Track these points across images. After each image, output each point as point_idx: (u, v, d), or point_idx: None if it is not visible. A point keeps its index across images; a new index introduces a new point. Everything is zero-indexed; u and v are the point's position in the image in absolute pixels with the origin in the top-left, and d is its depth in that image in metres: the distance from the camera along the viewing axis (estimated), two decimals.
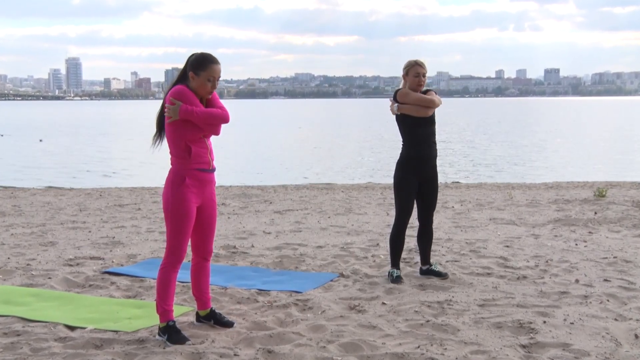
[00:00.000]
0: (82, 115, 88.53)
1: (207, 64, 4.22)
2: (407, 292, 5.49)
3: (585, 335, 4.39)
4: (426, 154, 5.73)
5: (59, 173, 20.34)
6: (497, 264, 6.48)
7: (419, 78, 5.69)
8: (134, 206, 10.94)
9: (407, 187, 5.75)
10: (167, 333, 4.30)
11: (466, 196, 12.13)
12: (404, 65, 5.76)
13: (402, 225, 5.85)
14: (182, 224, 4.24)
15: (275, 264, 6.58)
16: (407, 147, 5.73)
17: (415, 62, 5.72)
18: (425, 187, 5.81)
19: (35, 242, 7.70)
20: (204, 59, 4.25)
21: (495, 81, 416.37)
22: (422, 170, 5.75)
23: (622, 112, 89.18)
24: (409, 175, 5.73)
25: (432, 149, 5.77)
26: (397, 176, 5.78)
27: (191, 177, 4.24)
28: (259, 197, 12.20)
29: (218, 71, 4.25)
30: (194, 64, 4.23)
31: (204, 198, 4.36)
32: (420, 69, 5.69)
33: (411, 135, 5.72)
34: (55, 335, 4.44)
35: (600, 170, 20.50)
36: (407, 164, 5.73)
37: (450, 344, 4.22)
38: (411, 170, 5.72)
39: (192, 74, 4.22)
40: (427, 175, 5.78)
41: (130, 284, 5.80)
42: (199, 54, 4.29)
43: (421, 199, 5.86)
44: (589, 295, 5.31)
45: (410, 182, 5.74)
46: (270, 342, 4.29)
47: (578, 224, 8.73)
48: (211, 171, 4.37)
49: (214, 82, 4.26)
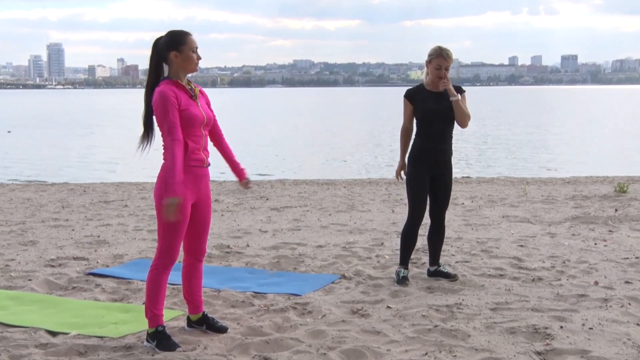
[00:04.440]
0: (63, 105, 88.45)
1: (184, 37, 4.27)
2: (413, 295, 5.49)
3: (605, 342, 4.38)
4: (441, 148, 5.74)
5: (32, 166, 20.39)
6: (510, 264, 6.48)
7: (440, 71, 5.63)
8: (120, 203, 10.95)
9: (419, 182, 5.76)
10: (156, 339, 4.30)
11: (477, 192, 12.13)
12: (430, 50, 5.71)
13: (416, 220, 5.85)
14: (175, 222, 4.23)
15: (272, 264, 6.58)
16: (422, 139, 5.74)
17: (441, 52, 5.63)
18: (438, 183, 5.81)
19: (15, 241, 7.70)
20: (178, 33, 4.29)
21: (509, 68, 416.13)
22: (434, 165, 5.76)
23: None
24: (421, 170, 5.74)
25: (445, 144, 5.77)
26: (410, 170, 5.80)
27: (185, 172, 4.24)
28: (254, 193, 12.20)
29: (196, 41, 4.32)
30: (170, 43, 4.25)
31: (199, 194, 4.37)
32: (444, 62, 5.62)
33: (424, 129, 5.72)
34: (35, 341, 4.43)
35: (621, 164, 20.48)
36: (420, 156, 5.74)
37: (460, 351, 4.22)
38: (424, 164, 5.73)
39: (174, 53, 4.23)
40: (440, 170, 5.79)
41: (116, 286, 5.80)
42: (169, 33, 4.31)
43: (433, 195, 5.87)
44: (609, 299, 5.30)
45: (423, 175, 5.75)
46: (266, 349, 4.28)
47: (597, 221, 8.72)
48: (206, 167, 4.39)
49: (197, 53, 4.31)
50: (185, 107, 4.20)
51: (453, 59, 5.69)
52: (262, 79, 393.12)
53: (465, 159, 21.82)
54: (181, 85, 4.25)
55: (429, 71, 5.73)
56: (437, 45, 5.71)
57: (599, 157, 23.32)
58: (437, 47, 5.67)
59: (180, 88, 4.24)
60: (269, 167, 19.75)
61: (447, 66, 5.63)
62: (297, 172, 18.29)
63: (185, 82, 4.31)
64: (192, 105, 4.26)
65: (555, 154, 24.53)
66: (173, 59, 4.23)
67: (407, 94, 5.82)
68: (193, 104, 4.27)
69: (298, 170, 19.01)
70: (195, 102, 4.29)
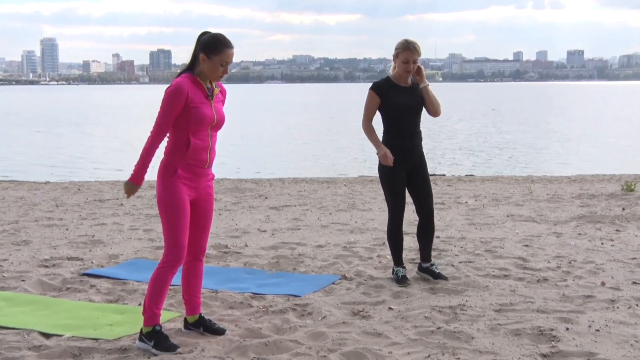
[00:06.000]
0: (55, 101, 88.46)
1: (221, 47, 4.27)
2: (416, 296, 5.49)
3: (612, 344, 4.38)
4: (410, 143, 5.76)
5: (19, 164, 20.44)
6: (515, 265, 6.48)
7: (407, 64, 5.62)
8: (115, 201, 10.95)
9: (394, 179, 5.76)
10: (153, 339, 4.30)
11: (481, 190, 12.13)
12: (396, 44, 5.70)
13: (397, 220, 5.88)
14: (177, 217, 4.27)
15: (271, 265, 6.58)
16: (390, 137, 5.74)
17: (407, 45, 5.61)
18: (416, 177, 5.83)
19: (7, 241, 7.70)
20: (218, 41, 4.29)
21: (513, 64, 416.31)
22: (409, 159, 5.76)
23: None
24: (396, 165, 5.73)
25: (417, 138, 5.81)
26: (383, 168, 5.79)
27: (184, 168, 4.28)
28: (253, 191, 12.20)
29: (231, 56, 4.33)
30: (206, 45, 4.28)
31: (198, 192, 4.40)
32: (411, 55, 5.60)
33: (394, 125, 5.73)
34: (29, 343, 4.43)
35: (629, 162, 20.48)
36: (393, 154, 5.71)
37: (464, 353, 4.22)
38: (398, 160, 5.72)
39: (203, 55, 4.26)
40: (414, 163, 5.80)
41: (111, 287, 5.80)
42: (212, 35, 4.33)
43: (414, 190, 5.87)
44: (616, 300, 5.30)
45: (398, 173, 5.75)
46: (265, 351, 4.28)
47: (604, 221, 8.72)
48: (207, 167, 4.41)
49: (225, 67, 4.33)
50: (196, 105, 4.24)
51: (421, 53, 5.66)
52: (261, 74, 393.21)
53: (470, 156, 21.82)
54: (199, 83, 4.29)
55: (396, 65, 5.72)
56: (403, 38, 5.70)
57: (606, 154, 23.32)
58: (404, 41, 5.66)
59: (198, 85, 4.29)
60: (269, 166, 19.74)
61: (414, 60, 5.62)
62: (297, 171, 18.29)
63: (207, 81, 4.34)
64: (204, 104, 4.29)
65: (563, 150, 24.52)
66: (201, 60, 4.28)
67: (374, 86, 5.76)
68: (206, 103, 4.30)
69: (297, 169, 19.01)
70: (209, 101, 4.33)
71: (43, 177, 16.44)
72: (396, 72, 5.75)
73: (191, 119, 4.23)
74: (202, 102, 4.28)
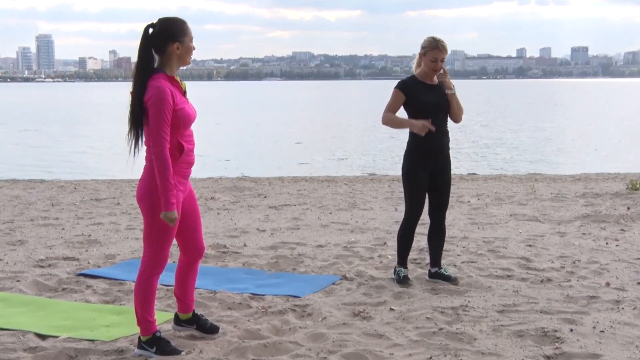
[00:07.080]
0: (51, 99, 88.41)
1: (184, 26, 4.11)
2: (417, 296, 5.49)
3: (617, 345, 4.38)
4: (436, 143, 5.70)
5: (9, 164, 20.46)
6: (518, 265, 6.49)
7: (436, 63, 5.61)
8: (112, 201, 10.95)
9: (416, 179, 5.74)
10: (155, 345, 4.26)
11: (484, 189, 12.13)
12: (423, 42, 5.68)
13: (412, 221, 5.85)
14: (169, 234, 4.16)
15: (270, 265, 6.58)
16: (416, 135, 5.67)
17: (437, 43, 5.59)
18: (437, 180, 5.79)
19: (2, 240, 7.70)
20: (178, 22, 4.11)
21: (517, 61, 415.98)
22: (433, 161, 5.73)
23: None
24: (417, 166, 5.71)
25: (444, 138, 5.75)
26: (406, 168, 5.77)
27: (176, 174, 4.10)
28: (252, 190, 12.20)
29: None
30: (170, 33, 4.06)
31: (184, 192, 4.30)
32: (439, 54, 5.60)
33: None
34: (24, 344, 4.44)
35: (634, 160, 20.47)
36: (415, 154, 5.71)
37: (466, 355, 4.22)
38: (420, 161, 5.70)
39: (176, 45, 4.06)
40: (439, 166, 5.76)
41: (108, 287, 5.80)
42: (170, 20, 4.11)
43: (432, 193, 5.85)
44: (621, 300, 5.31)
45: (420, 173, 5.73)
46: (264, 353, 4.29)
47: (609, 220, 8.72)
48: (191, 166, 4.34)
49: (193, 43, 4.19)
50: (180, 106, 4.06)
51: (448, 51, 5.67)
52: (260, 71, 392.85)
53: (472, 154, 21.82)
54: (176, 82, 4.12)
55: (423, 63, 5.71)
56: (430, 36, 5.67)
57: (611, 152, 23.31)
58: (432, 39, 5.63)
59: (175, 84, 4.11)
60: (268, 165, 19.73)
61: (442, 58, 5.62)
62: (296, 169, 18.28)
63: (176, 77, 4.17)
64: (185, 103, 4.13)
65: (567, 149, 24.52)
66: (174, 50, 4.07)
67: (400, 85, 5.74)
68: (186, 102, 4.15)
69: (297, 167, 19.01)
70: (186, 99, 4.19)
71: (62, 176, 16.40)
72: (422, 70, 5.73)
73: (180, 121, 4.05)
74: (183, 102, 4.11)
